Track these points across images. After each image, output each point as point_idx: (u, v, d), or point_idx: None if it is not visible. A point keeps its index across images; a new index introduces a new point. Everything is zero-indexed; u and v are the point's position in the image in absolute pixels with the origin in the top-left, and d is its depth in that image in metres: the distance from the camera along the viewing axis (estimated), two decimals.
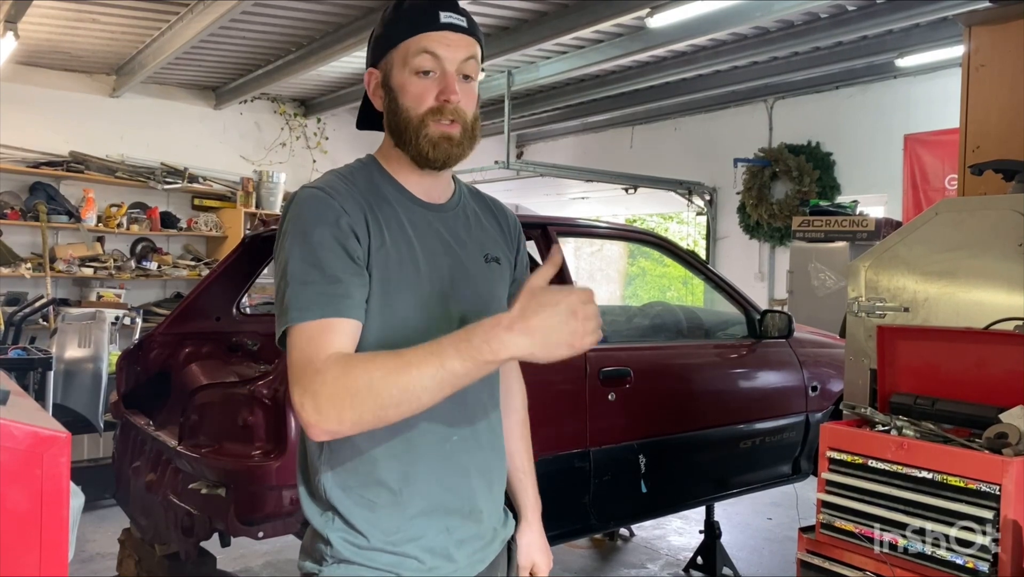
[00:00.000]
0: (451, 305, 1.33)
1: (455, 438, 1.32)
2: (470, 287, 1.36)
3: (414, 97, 1.29)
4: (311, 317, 1.17)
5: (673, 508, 3.83)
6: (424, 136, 1.29)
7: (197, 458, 2.67)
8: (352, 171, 1.35)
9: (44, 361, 4.39)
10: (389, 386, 1.08)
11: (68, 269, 6.76)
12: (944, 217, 2.35)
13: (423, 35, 1.28)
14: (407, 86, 1.29)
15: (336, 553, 1.27)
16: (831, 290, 6.15)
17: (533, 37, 5.66)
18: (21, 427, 1.13)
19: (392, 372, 1.09)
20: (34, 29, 5.74)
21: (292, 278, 1.19)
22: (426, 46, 1.27)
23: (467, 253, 1.38)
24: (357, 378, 1.10)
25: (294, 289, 1.19)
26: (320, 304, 1.18)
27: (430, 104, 1.28)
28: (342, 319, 1.19)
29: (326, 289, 1.18)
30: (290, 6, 5.33)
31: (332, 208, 1.23)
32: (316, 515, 1.30)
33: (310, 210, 1.23)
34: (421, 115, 1.28)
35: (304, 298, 1.18)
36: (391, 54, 1.31)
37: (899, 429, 1.99)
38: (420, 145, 1.29)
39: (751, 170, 7.81)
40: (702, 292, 8.54)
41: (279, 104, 8.24)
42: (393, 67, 1.31)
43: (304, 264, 1.20)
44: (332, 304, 1.18)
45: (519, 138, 10.21)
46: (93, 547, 4.18)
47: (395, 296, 1.27)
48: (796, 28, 5.85)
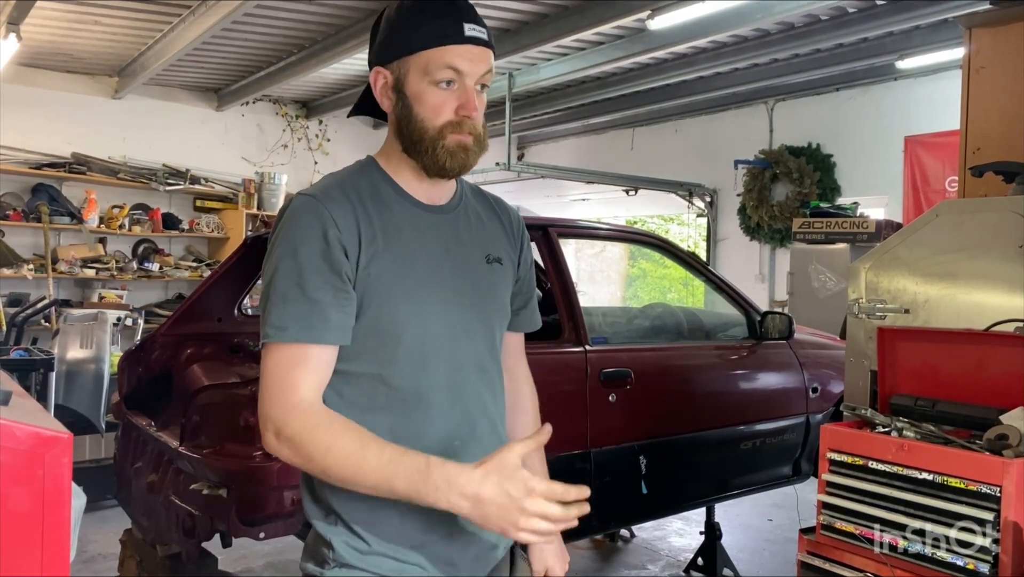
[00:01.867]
0: (452, 309, 1.33)
1: (456, 443, 1.31)
2: (472, 290, 1.36)
3: (433, 109, 1.27)
4: (287, 339, 1.21)
5: (674, 509, 3.84)
6: (442, 147, 1.28)
7: (199, 459, 2.68)
8: (351, 175, 1.33)
9: (46, 362, 4.40)
10: (337, 468, 1.17)
11: (70, 270, 6.77)
12: (944, 219, 2.35)
13: (447, 48, 1.25)
14: (425, 97, 1.27)
15: (338, 557, 1.27)
16: (831, 292, 6.14)
17: (534, 39, 5.66)
18: (23, 428, 1.14)
19: (344, 460, 1.16)
20: (36, 31, 5.75)
21: (275, 292, 1.22)
22: (449, 61, 1.25)
23: (468, 255, 1.37)
24: (312, 450, 1.17)
25: (275, 303, 1.22)
26: (296, 327, 1.21)
27: (449, 117, 1.27)
28: (317, 346, 1.22)
29: (304, 311, 1.21)
30: (292, 8, 5.34)
31: (323, 220, 1.23)
32: (319, 518, 1.30)
33: (301, 222, 1.24)
34: (439, 127, 1.27)
35: (283, 316, 1.21)
36: (408, 60, 1.28)
37: (899, 430, 1.99)
38: (438, 156, 1.28)
39: (751, 172, 7.81)
40: (703, 293, 8.53)
41: (281, 106, 8.25)
42: (409, 74, 1.28)
43: (287, 280, 1.22)
44: (308, 329, 1.21)
45: (520, 140, 10.21)
46: (95, 548, 4.18)
47: (394, 303, 1.27)
48: (797, 30, 5.85)
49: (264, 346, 1.23)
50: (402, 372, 1.28)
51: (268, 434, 1.21)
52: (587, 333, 3.19)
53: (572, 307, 3.23)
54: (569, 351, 3.15)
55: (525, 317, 1.53)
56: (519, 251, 1.49)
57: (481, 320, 1.37)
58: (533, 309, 1.55)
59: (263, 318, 1.23)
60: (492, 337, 1.40)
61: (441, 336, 1.31)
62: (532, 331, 1.58)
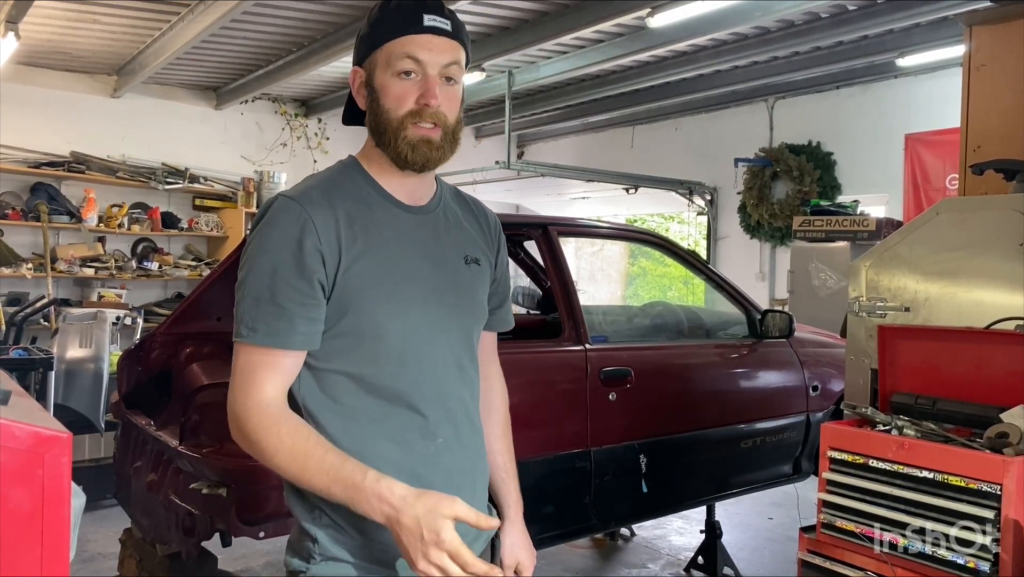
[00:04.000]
0: (432, 309, 1.35)
1: (439, 440, 1.34)
2: (451, 290, 1.38)
3: (395, 99, 1.30)
4: (255, 341, 1.25)
5: (674, 508, 3.83)
6: (403, 138, 1.30)
7: (198, 458, 2.67)
8: (333, 176, 1.35)
9: (45, 361, 4.40)
10: (286, 468, 1.23)
11: (69, 269, 6.76)
12: (945, 217, 2.35)
13: (406, 38, 1.29)
14: (388, 88, 1.30)
15: (324, 550, 1.28)
16: (832, 290, 6.14)
17: (534, 37, 5.66)
18: (22, 427, 1.13)
19: (291, 462, 1.22)
20: (35, 29, 5.75)
21: (248, 291, 1.26)
22: (408, 50, 1.28)
23: (448, 255, 1.39)
24: (264, 447, 1.23)
25: (248, 303, 1.26)
26: (264, 331, 1.25)
27: (410, 107, 1.29)
28: (282, 351, 1.26)
29: (272, 316, 1.24)
30: (291, 6, 5.33)
31: (301, 223, 1.25)
32: (304, 512, 1.31)
33: (278, 226, 1.26)
34: (401, 117, 1.29)
35: (253, 317, 1.25)
36: (375, 54, 1.32)
37: (900, 429, 1.99)
38: (399, 147, 1.30)
39: (752, 170, 7.80)
40: (703, 292, 8.54)
41: (280, 104, 8.24)
42: (376, 68, 1.32)
43: (260, 283, 1.25)
44: (275, 335, 1.25)
45: (520, 138, 10.21)
46: (94, 547, 4.18)
47: (376, 304, 1.28)
48: (797, 28, 5.85)
49: (235, 342, 1.27)
50: (384, 372, 1.30)
51: (232, 427, 1.27)
52: (587, 332, 3.19)
53: (572, 306, 3.23)
54: (569, 350, 3.15)
55: (500, 317, 1.56)
56: (496, 252, 1.52)
57: (460, 319, 1.40)
58: (508, 309, 1.59)
59: (237, 313, 1.27)
60: (470, 336, 1.43)
61: (422, 336, 1.33)
62: (505, 330, 1.61)
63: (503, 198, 10.34)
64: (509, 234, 3.72)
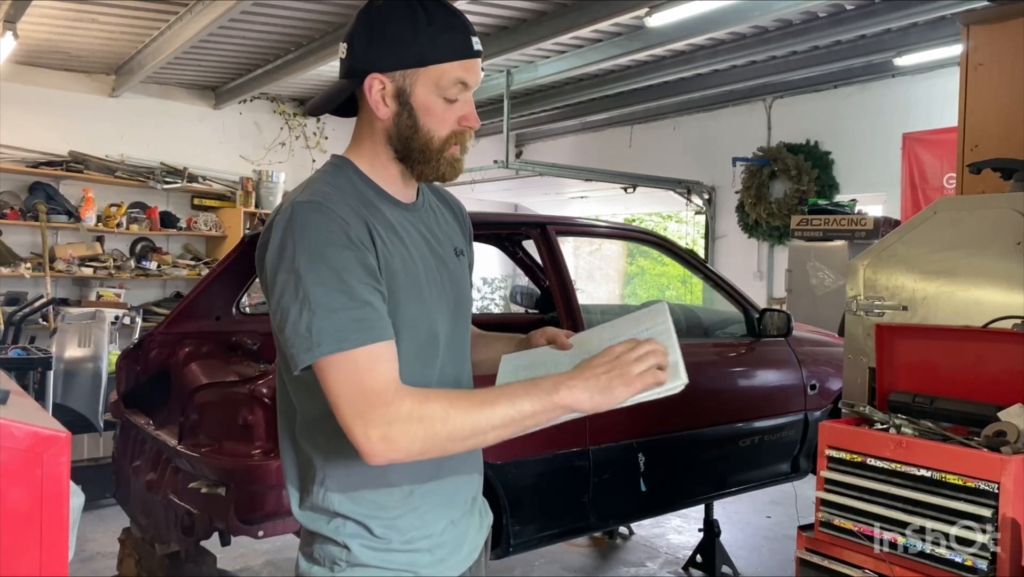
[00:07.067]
0: (445, 304, 1.36)
1: None
2: (452, 284, 1.39)
3: (441, 121, 1.29)
4: (351, 346, 1.14)
5: (672, 507, 3.84)
6: (444, 159, 1.31)
7: (197, 457, 2.68)
8: (336, 178, 1.31)
9: (44, 361, 4.39)
10: (463, 423, 1.14)
11: (68, 269, 6.76)
12: (943, 216, 2.35)
13: (460, 63, 1.27)
14: (433, 109, 1.28)
15: (353, 557, 1.27)
16: (830, 289, 6.15)
17: (532, 37, 5.66)
18: (21, 427, 1.14)
19: (465, 409, 1.14)
20: (33, 29, 5.74)
21: (316, 305, 1.14)
22: (460, 76, 1.28)
23: (444, 249, 1.40)
24: (433, 413, 1.13)
25: (321, 318, 1.14)
26: (357, 331, 1.15)
27: (452, 128, 1.30)
28: (384, 343, 1.17)
29: (359, 314, 1.16)
30: (289, 6, 5.33)
31: (339, 223, 1.20)
32: (322, 522, 1.29)
33: (317, 227, 1.19)
34: (444, 138, 1.30)
35: (336, 327, 1.14)
36: (418, 72, 1.27)
37: (898, 427, 1.99)
38: (439, 166, 1.31)
39: (750, 169, 7.81)
40: (701, 291, 8.55)
41: (278, 104, 8.24)
42: (417, 86, 1.27)
43: (326, 289, 1.15)
44: (370, 330, 1.16)
45: (518, 137, 10.20)
46: (93, 546, 4.18)
47: (407, 303, 1.28)
48: (794, 27, 5.85)
49: (322, 363, 1.14)
50: (410, 369, 1.26)
51: (372, 439, 1.12)
52: None
53: (571, 305, 3.23)
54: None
55: None
56: (470, 240, 1.54)
57: (463, 313, 1.43)
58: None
59: (300, 334, 1.14)
60: (469, 327, 1.46)
61: (442, 331, 1.35)
62: None
63: (501, 197, 10.34)
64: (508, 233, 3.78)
